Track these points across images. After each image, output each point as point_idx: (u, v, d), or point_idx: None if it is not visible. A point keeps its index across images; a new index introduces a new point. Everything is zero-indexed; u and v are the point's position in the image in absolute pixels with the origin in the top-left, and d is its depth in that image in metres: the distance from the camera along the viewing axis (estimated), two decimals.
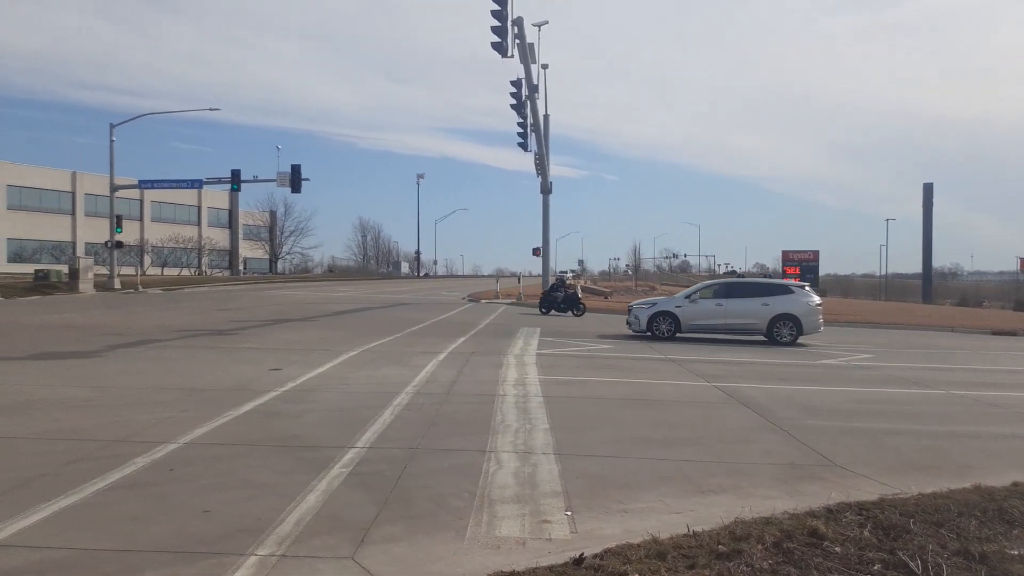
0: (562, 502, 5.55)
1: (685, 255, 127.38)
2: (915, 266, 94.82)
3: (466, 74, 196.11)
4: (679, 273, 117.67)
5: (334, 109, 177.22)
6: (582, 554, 4.31)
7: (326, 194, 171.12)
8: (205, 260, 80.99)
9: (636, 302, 22.39)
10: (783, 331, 19.07)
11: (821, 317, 19.86)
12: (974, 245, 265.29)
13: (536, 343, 17.45)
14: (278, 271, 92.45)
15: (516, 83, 30.52)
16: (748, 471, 6.68)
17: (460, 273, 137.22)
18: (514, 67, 30.86)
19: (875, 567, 4.33)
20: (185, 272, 74.17)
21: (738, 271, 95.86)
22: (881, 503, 5.45)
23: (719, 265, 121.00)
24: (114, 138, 42.41)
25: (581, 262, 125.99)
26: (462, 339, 18.03)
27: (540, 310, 29.41)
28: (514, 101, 31.15)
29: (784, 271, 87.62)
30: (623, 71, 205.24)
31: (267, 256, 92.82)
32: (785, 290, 19.98)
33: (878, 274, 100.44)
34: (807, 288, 20.36)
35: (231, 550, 4.40)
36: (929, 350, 20.41)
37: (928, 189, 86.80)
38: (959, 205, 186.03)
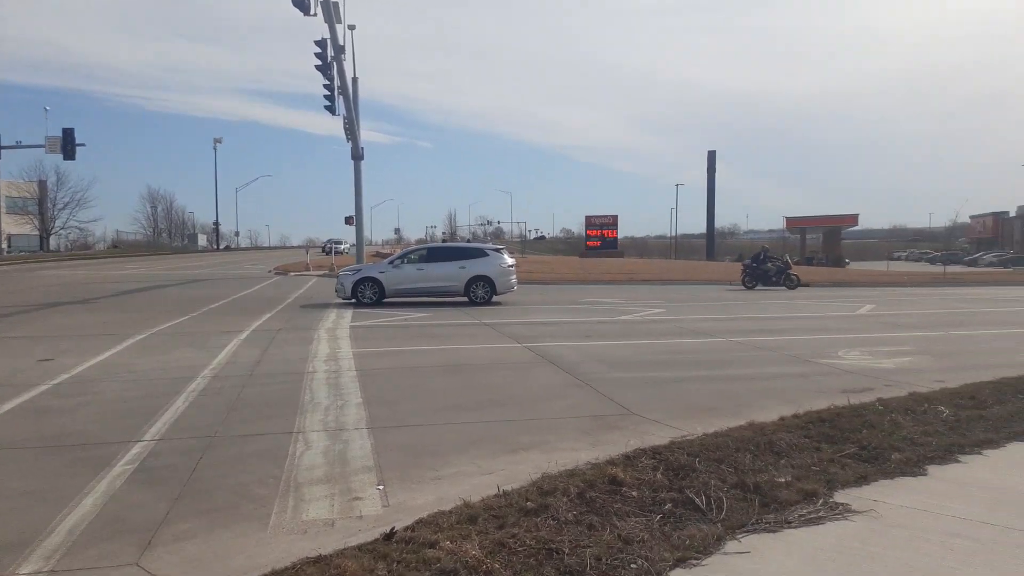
0: (374, 477, 5.43)
1: (499, 222, 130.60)
2: (701, 227, 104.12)
3: (267, 33, 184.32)
4: (494, 239, 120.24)
5: (115, 67, 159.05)
6: (392, 528, 4.24)
7: (108, 162, 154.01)
8: None
9: (344, 268, 22.73)
10: (478, 291, 20.14)
11: (514, 278, 21.19)
12: (749, 207, 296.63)
13: (351, 315, 16.99)
14: (51, 248, 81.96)
15: (321, 43, 29.00)
16: (555, 427, 6.96)
17: (266, 244, 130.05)
18: (319, 27, 29.15)
19: (667, 506, 4.67)
20: None
21: (443, 237, 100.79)
22: (671, 446, 5.90)
23: (530, 231, 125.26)
24: None
25: (397, 230, 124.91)
26: (268, 315, 17.10)
27: (744, 284, 28.75)
28: (319, 62, 29.66)
29: (587, 233, 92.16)
30: (433, 37, 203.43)
31: (37, 232, 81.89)
32: (481, 254, 21.08)
33: (669, 235, 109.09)
34: (502, 251, 21.65)
35: None
36: (712, 302, 22.55)
37: (712, 156, 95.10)
38: (739, 171, 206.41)
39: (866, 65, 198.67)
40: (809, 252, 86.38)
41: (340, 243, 66.56)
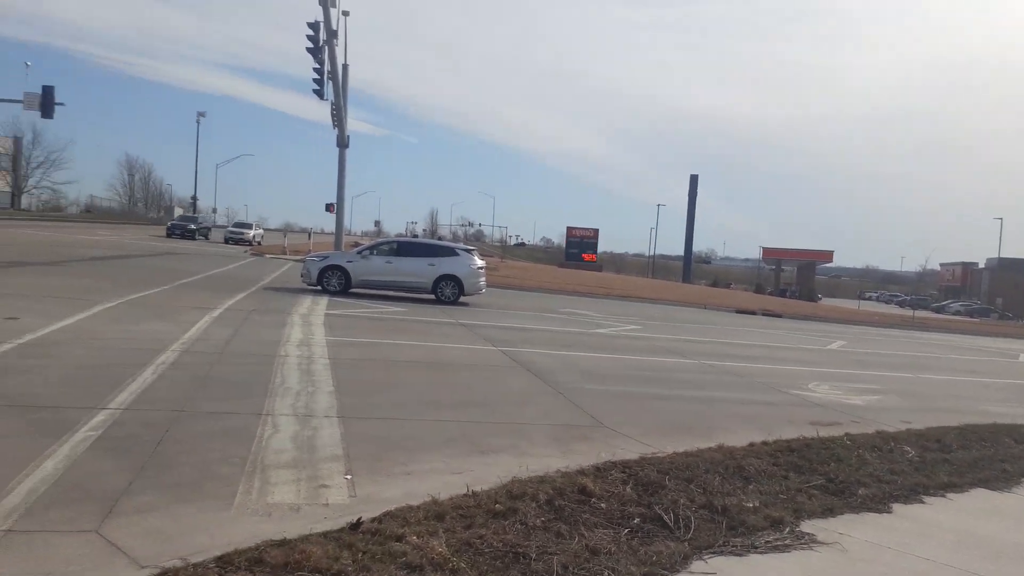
0: (343, 466, 5.36)
1: (480, 224, 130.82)
2: (678, 248, 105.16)
3: (256, 9, 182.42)
4: (474, 241, 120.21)
5: (98, 28, 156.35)
6: (359, 518, 4.18)
7: (87, 125, 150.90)
8: None
9: (310, 255, 22.51)
10: (446, 290, 20.00)
11: (483, 280, 21.06)
12: (727, 234, 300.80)
13: (326, 302, 16.82)
14: (22, 207, 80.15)
15: (314, 25, 28.76)
16: (527, 432, 6.94)
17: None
18: (312, 9, 28.89)
19: (635, 520, 4.67)
20: None
21: (417, 234, 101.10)
22: (642, 461, 5.91)
23: (510, 236, 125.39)
24: None
25: (377, 223, 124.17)
26: (241, 295, 16.86)
27: None
28: (311, 45, 29.40)
29: (567, 244, 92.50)
30: (426, 35, 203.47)
31: (8, 188, 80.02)
32: (451, 252, 21.01)
33: (647, 254, 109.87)
34: (472, 252, 21.54)
35: None
36: (686, 324, 22.71)
37: (694, 180, 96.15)
38: (718, 197, 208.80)
39: (846, 102, 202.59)
40: (783, 284, 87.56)
41: (248, 227, 52.81)
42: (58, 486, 4.41)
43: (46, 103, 35.42)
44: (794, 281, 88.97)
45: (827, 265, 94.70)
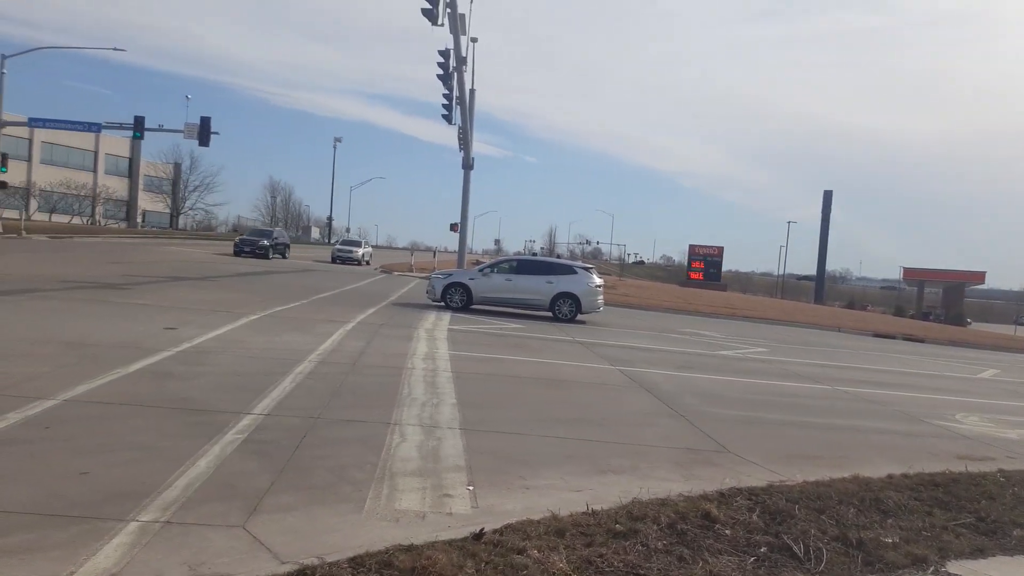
0: (465, 477, 5.51)
1: (598, 242, 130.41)
2: (809, 268, 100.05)
3: (390, 40, 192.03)
4: (591, 259, 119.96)
5: (248, 62, 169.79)
6: (482, 529, 4.29)
7: (235, 150, 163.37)
8: (100, 209, 75.98)
9: (435, 272, 22.90)
10: (563, 308, 19.83)
11: (601, 298, 20.78)
12: (863, 253, 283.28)
13: (449, 318, 17.34)
14: (179, 227, 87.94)
15: (444, 53, 29.92)
16: (647, 454, 6.85)
17: (373, 243, 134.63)
18: (442, 38, 30.04)
19: (761, 549, 4.51)
20: (76, 220, 69.40)
21: (537, 252, 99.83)
22: (769, 489, 5.69)
23: (629, 254, 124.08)
24: (4, 70, 38.96)
25: (497, 241, 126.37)
26: (372, 310, 17.69)
27: None
28: (441, 72, 30.56)
29: (690, 264, 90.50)
30: (549, 56, 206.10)
31: (168, 210, 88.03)
32: (569, 271, 20.85)
33: (775, 273, 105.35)
34: (591, 270, 21.20)
35: (110, 515, 4.13)
36: (818, 347, 21.58)
37: (828, 196, 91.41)
38: (853, 215, 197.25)
39: (999, 115, 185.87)
40: (927, 306, 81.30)
41: (357, 245, 48.91)
42: (210, 483, 4.81)
43: (203, 132, 38.83)
44: (939, 304, 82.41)
45: (978, 287, 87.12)
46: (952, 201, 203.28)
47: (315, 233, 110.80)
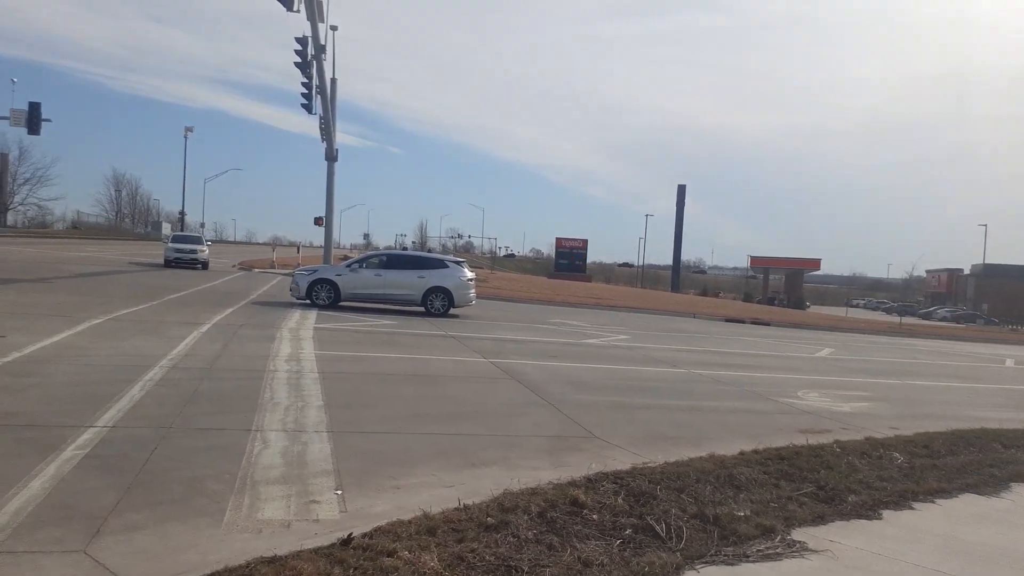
0: (333, 481, 5.33)
1: (470, 236, 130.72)
2: (667, 258, 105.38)
3: (243, 24, 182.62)
4: (463, 253, 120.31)
5: (81, 43, 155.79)
6: (350, 534, 4.16)
7: (72, 140, 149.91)
8: None
9: (298, 269, 22.33)
10: (436, 303, 19.96)
11: (473, 292, 20.98)
12: (714, 243, 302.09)
13: (315, 316, 16.77)
14: (7, 224, 79.56)
15: (302, 40, 28.81)
16: (518, 444, 6.93)
17: (231, 239, 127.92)
18: (300, 24, 28.81)
19: (627, 531, 4.67)
20: None
21: (408, 246, 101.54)
22: (633, 472, 5.91)
23: (500, 248, 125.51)
24: None
25: (367, 235, 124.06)
26: (230, 310, 16.79)
27: None
28: (299, 60, 29.46)
29: (556, 255, 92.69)
30: (413, 47, 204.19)
31: None
32: (441, 265, 21.01)
33: (635, 264, 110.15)
34: (462, 264, 21.50)
35: None
36: (675, 333, 22.78)
37: (681, 190, 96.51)
38: (706, 207, 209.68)
39: (834, 113, 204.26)
40: (771, 292, 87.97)
41: (198, 242, 36.19)
42: (45, 506, 4.36)
43: (32, 119, 35.22)
44: (782, 289, 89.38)
45: (815, 273, 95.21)
46: (791, 194, 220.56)
47: (166, 229, 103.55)
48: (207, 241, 39.28)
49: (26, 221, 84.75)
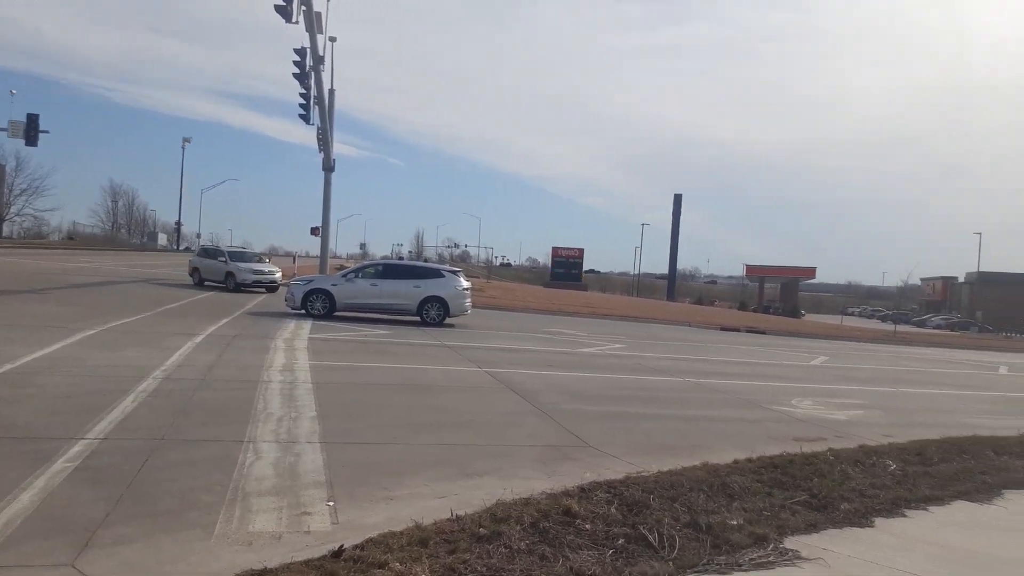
0: (325, 492, 5.32)
1: (466, 245, 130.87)
2: (663, 267, 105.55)
3: (243, 35, 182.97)
4: (460, 262, 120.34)
5: (82, 55, 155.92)
6: (341, 546, 4.14)
7: (70, 152, 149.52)
8: None
9: (294, 279, 22.26)
10: (432, 312, 19.91)
11: (468, 301, 21.02)
12: (710, 252, 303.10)
13: (310, 326, 16.74)
14: (4, 235, 79.34)
15: (300, 52, 28.93)
16: (512, 454, 6.92)
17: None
18: (299, 35, 28.93)
19: (619, 541, 4.66)
20: None
21: (405, 256, 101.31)
22: (626, 481, 5.90)
23: (496, 257, 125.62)
24: None
25: (363, 245, 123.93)
26: (225, 320, 16.76)
27: None
28: (297, 71, 29.57)
29: (553, 264, 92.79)
30: (414, 59, 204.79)
31: None
32: (436, 274, 21.06)
33: (632, 273, 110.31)
34: (458, 273, 21.51)
35: None
36: (670, 342, 22.78)
37: (678, 200, 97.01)
38: (702, 216, 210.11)
39: (833, 124, 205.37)
40: (767, 301, 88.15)
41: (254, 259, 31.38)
42: (34, 519, 4.34)
43: (30, 131, 35.25)
44: (777, 298, 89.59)
45: (810, 281, 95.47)
46: (787, 204, 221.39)
47: (162, 239, 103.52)
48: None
49: (22, 232, 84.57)
